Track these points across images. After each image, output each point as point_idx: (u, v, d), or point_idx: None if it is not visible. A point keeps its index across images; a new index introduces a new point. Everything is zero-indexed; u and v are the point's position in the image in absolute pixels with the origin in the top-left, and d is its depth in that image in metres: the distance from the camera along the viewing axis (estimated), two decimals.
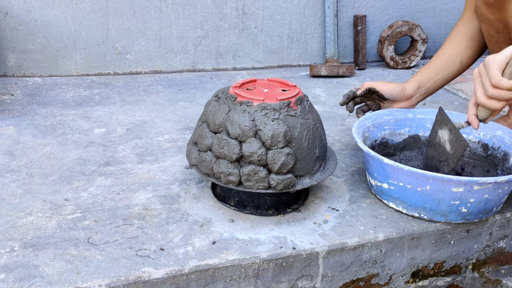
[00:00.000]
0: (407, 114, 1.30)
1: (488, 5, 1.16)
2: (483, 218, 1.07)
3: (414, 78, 1.32)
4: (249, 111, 0.98)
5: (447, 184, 0.98)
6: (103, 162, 1.26)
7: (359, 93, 1.28)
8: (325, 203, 1.12)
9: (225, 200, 1.09)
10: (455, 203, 1.01)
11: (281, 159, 0.96)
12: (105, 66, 1.97)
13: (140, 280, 0.86)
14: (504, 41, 1.20)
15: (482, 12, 1.19)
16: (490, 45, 1.25)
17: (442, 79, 1.32)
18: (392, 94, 1.29)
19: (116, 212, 1.04)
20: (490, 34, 1.21)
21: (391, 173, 1.04)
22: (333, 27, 2.15)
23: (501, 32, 1.18)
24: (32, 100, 1.65)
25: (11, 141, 1.34)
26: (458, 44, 1.31)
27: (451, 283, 1.14)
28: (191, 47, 2.05)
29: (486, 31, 1.23)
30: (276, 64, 2.20)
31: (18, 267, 0.87)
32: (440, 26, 2.36)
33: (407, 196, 1.05)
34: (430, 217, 1.05)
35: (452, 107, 1.77)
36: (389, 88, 1.28)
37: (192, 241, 0.96)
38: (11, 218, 1.00)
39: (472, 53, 1.31)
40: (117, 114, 1.58)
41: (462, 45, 1.31)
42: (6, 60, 1.85)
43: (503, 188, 1.01)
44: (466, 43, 1.31)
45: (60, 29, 1.87)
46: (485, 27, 1.21)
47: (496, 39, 1.21)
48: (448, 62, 1.31)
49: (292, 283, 0.98)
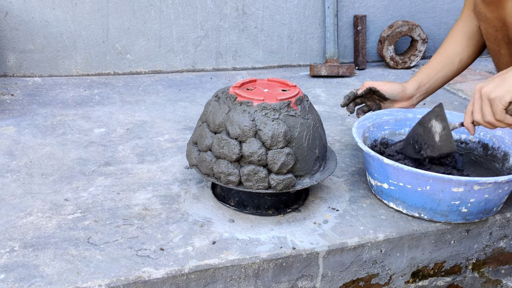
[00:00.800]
0: (407, 114, 1.30)
1: (486, 3, 1.16)
2: (483, 218, 1.07)
3: (414, 78, 1.32)
4: (249, 111, 0.98)
5: (447, 184, 0.98)
6: (103, 162, 1.26)
7: (360, 93, 1.28)
8: (325, 203, 1.12)
9: (225, 200, 1.09)
10: (455, 203, 1.01)
11: (281, 159, 0.96)
12: (105, 66, 1.97)
13: (140, 280, 0.86)
14: (503, 39, 1.20)
15: (481, 10, 1.19)
16: (489, 43, 1.25)
17: (442, 78, 1.32)
18: (392, 94, 1.29)
19: (116, 212, 1.04)
20: (489, 32, 1.21)
21: (391, 173, 1.04)
22: (333, 27, 2.15)
23: (499, 30, 1.18)
24: (32, 100, 1.65)
25: (11, 141, 1.34)
26: (458, 43, 1.31)
27: (451, 283, 1.14)
28: (191, 47, 2.05)
29: (484, 29, 1.23)
30: (276, 64, 2.20)
31: (18, 267, 0.87)
32: (440, 26, 2.36)
33: (407, 196, 1.05)
34: (430, 217, 1.05)
35: (452, 107, 1.77)
36: (390, 88, 1.28)
37: (192, 241, 0.96)
38: (11, 218, 1.00)
39: (471, 51, 1.31)
40: (117, 114, 1.58)
41: (461, 44, 1.31)
42: (6, 60, 1.85)
43: (503, 188, 1.01)
44: (465, 42, 1.31)
45: (60, 29, 1.87)
46: (484, 25, 1.21)
47: (494, 37, 1.21)
48: (448, 62, 1.31)
49: (292, 283, 0.98)
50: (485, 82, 0.96)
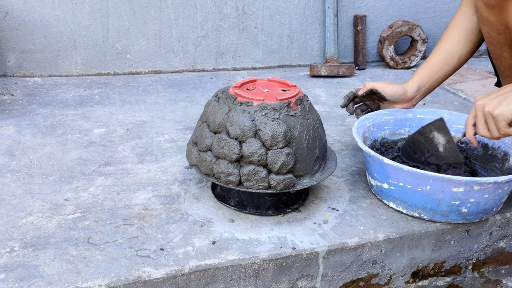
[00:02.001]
0: (407, 114, 1.30)
1: (489, 7, 1.16)
2: (483, 218, 1.07)
3: (414, 79, 1.32)
4: (249, 111, 0.98)
5: (447, 184, 0.98)
6: (103, 162, 1.26)
7: (361, 94, 1.28)
8: (325, 203, 1.12)
9: (225, 200, 1.09)
10: (455, 203, 1.01)
11: (281, 159, 0.96)
12: (105, 66, 1.97)
13: (140, 280, 0.86)
14: (505, 43, 1.20)
15: (483, 14, 1.19)
16: (491, 46, 1.25)
17: (441, 77, 1.32)
18: (394, 96, 1.28)
19: (116, 212, 1.04)
20: (491, 35, 1.21)
21: (391, 173, 1.04)
22: (333, 27, 2.15)
23: (501, 33, 1.18)
24: (32, 100, 1.65)
25: (11, 141, 1.34)
26: (457, 40, 1.30)
27: (451, 283, 1.14)
28: (191, 47, 2.05)
29: (486, 33, 1.22)
30: (276, 64, 2.20)
31: (18, 267, 0.87)
32: (440, 26, 2.36)
33: (407, 196, 1.05)
34: (430, 217, 1.05)
35: (452, 107, 1.77)
36: (391, 90, 1.28)
37: (192, 241, 0.96)
38: (11, 218, 1.00)
39: (469, 48, 1.31)
40: (117, 114, 1.58)
41: (460, 42, 1.30)
42: (6, 60, 1.85)
43: (503, 188, 1.01)
44: (465, 39, 1.30)
45: (60, 29, 1.87)
46: (486, 28, 1.21)
47: (496, 40, 1.21)
48: (447, 60, 1.31)
49: (292, 283, 0.98)
50: (485, 99, 1.02)
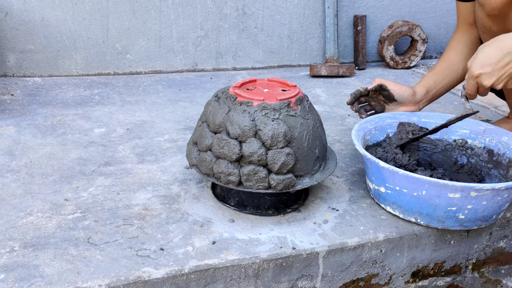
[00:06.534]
0: (412, 117, 1.28)
1: (491, 17, 1.17)
2: (482, 225, 1.04)
3: (422, 84, 1.32)
4: (249, 111, 0.98)
5: (443, 190, 0.96)
6: (103, 162, 1.26)
7: (370, 88, 1.27)
8: (325, 203, 1.12)
9: (225, 200, 1.09)
10: (452, 209, 0.98)
11: (281, 159, 0.96)
12: (105, 66, 1.97)
13: (140, 280, 0.86)
14: None
15: (485, 24, 1.20)
16: None
17: (446, 85, 1.33)
18: (402, 96, 1.28)
19: (116, 212, 1.04)
20: None
21: (388, 176, 1.03)
22: (333, 27, 2.15)
23: None
24: (32, 100, 1.65)
25: (11, 141, 1.34)
26: (460, 52, 1.33)
27: (451, 283, 1.14)
28: (191, 47, 2.05)
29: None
30: (276, 64, 2.20)
31: (18, 267, 0.87)
32: (440, 26, 2.36)
33: (403, 201, 1.03)
34: (427, 223, 1.03)
35: (452, 107, 1.77)
36: (401, 89, 1.28)
37: (192, 241, 0.96)
38: (11, 218, 1.00)
39: None
40: (117, 114, 1.58)
41: (463, 53, 1.33)
42: (6, 60, 1.85)
43: (502, 196, 0.98)
44: (467, 51, 1.33)
45: (60, 29, 1.87)
46: (488, 38, 1.21)
47: None
48: (452, 69, 1.33)
49: (292, 283, 0.98)
50: None
